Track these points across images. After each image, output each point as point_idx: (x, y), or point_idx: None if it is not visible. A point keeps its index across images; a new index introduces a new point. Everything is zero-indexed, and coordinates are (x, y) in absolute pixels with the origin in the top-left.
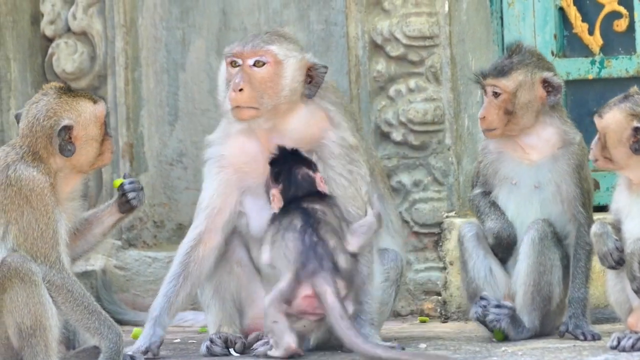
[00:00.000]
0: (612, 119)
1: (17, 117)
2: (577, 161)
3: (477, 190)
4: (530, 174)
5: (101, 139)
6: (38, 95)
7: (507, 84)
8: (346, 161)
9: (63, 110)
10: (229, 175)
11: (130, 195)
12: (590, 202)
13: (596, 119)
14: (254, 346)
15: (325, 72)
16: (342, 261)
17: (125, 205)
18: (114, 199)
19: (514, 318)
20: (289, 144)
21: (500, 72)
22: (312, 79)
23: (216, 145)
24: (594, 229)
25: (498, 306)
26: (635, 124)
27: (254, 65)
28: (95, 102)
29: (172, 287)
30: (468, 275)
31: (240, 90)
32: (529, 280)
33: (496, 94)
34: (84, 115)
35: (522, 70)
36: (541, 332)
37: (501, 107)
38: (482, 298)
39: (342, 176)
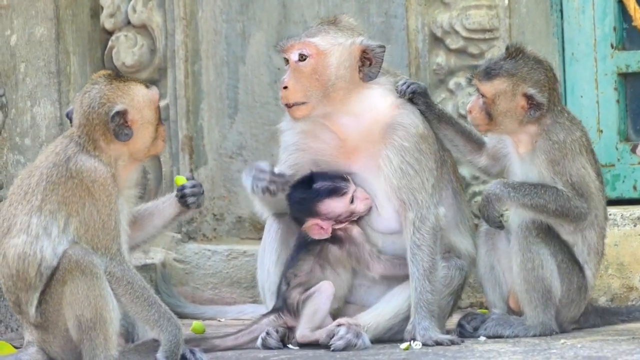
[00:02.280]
0: None
1: (68, 115)
2: (550, 156)
3: None
4: (518, 166)
5: (156, 122)
6: (88, 85)
7: (487, 89)
8: (415, 149)
9: (116, 96)
10: (304, 156)
11: (190, 200)
12: (577, 194)
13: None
14: (332, 341)
15: (383, 51)
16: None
17: (183, 204)
18: (174, 194)
19: (500, 320)
20: (360, 127)
21: (486, 75)
22: (370, 61)
23: (289, 134)
24: None
25: (476, 328)
26: None
27: (299, 60)
28: (147, 86)
29: None
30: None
31: (285, 88)
32: (519, 279)
33: (482, 95)
34: (137, 98)
35: (506, 79)
36: (560, 325)
37: (483, 109)
38: (459, 324)
39: (409, 165)
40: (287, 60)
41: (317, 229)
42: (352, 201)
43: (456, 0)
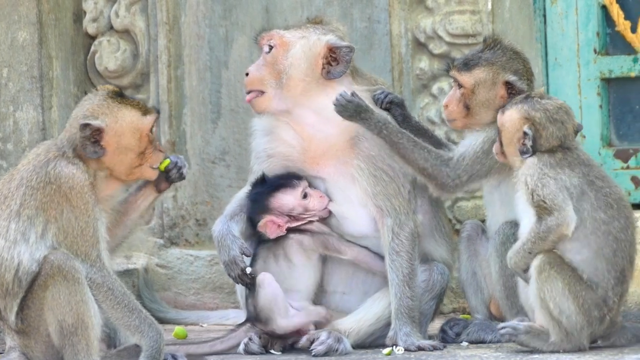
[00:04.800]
0: (509, 117)
1: None
2: (492, 135)
3: None
4: None
5: (142, 151)
6: (90, 94)
7: (466, 79)
8: (385, 156)
9: (101, 112)
10: (275, 163)
11: (184, 171)
12: (456, 163)
13: (498, 115)
14: (313, 346)
15: (351, 51)
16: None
17: (168, 180)
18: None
19: (482, 325)
20: (326, 131)
21: (465, 65)
22: (338, 61)
23: (258, 135)
24: None
25: (458, 334)
26: (525, 127)
27: (268, 51)
28: (144, 113)
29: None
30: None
31: (247, 75)
32: (498, 286)
33: (459, 86)
34: (121, 122)
35: (485, 68)
36: None
37: (461, 100)
38: (442, 329)
39: (382, 171)
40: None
41: (272, 226)
42: (304, 197)
43: (439, 5)
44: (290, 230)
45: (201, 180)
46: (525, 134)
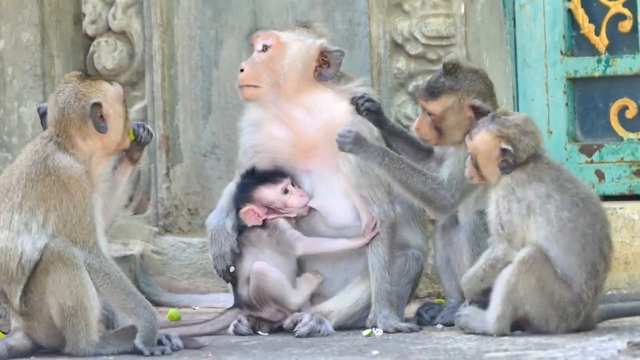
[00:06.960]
0: (481, 140)
1: (40, 111)
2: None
3: None
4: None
5: (125, 117)
6: (62, 85)
7: (434, 107)
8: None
9: (90, 92)
10: (263, 158)
11: (149, 127)
12: (452, 186)
13: (467, 141)
14: (296, 328)
15: (341, 56)
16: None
17: (140, 142)
18: (122, 156)
19: (456, 309)
20: (317, 125)
21: (431, 94)
22: (329, 64)
23: (247, 133)
24: None
25: (433, 317)
26: (503, 145)
27: (262, 49)
28: (112, 84)
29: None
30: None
31: (242, 70)
32: None
33: (429, 113)
34: (109, 94)
35: (450, 95)
36: None
37: (432, 125)
38: (417, 313)
39: (367, 165)
40: (252, 50)
41: (252, 214)
42: (285, 192)
43: (416, 9)
44: (265, 221)
45: (193, 172)
46: (504, 150)
